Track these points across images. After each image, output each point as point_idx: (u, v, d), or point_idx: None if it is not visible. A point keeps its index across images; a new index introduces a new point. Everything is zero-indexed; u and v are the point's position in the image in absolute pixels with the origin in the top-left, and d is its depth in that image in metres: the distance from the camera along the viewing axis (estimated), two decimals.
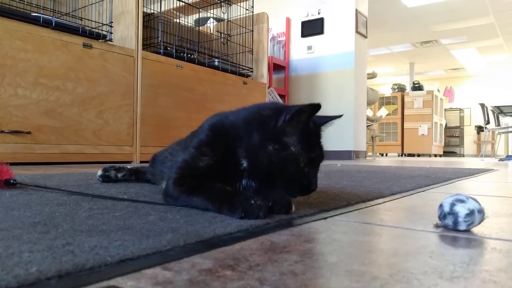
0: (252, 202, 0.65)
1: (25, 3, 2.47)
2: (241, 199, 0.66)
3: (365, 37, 4.85)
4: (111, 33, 2.67)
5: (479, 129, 10.74)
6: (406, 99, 8.83)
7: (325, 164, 3.17)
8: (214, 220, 0.63)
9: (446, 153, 10.24)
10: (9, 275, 0.35)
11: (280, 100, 4.78)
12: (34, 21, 2.27)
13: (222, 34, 3.91)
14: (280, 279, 0.37)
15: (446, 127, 10.45)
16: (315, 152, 0.77)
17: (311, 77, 4.88)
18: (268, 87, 4.27)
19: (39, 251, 0.43)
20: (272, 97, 4.71)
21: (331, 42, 4.74)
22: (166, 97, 2.98)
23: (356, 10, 4.60)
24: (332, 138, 4.69)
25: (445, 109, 10.23)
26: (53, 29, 2.33)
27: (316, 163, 0.78)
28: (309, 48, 4.90)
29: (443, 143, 9.45)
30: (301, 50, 4.97)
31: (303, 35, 4.95)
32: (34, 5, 2.51)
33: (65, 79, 2.38)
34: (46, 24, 2.31)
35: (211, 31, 4.18)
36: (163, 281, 0.36)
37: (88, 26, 2.61)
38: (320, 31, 4.81)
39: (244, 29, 3.87)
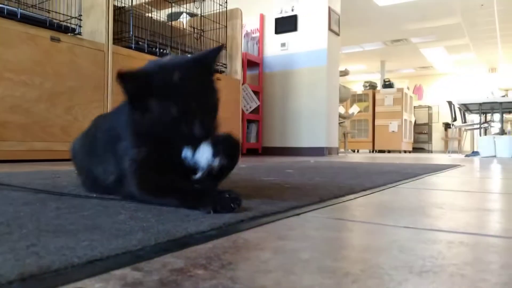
0: (227, 195, 0.68)
1: None
2: (213, 194, 0.69)
3: (338, 34, 4.90)
4: (80, 26, 2.59)
5: (447, 126, 11.09)
6: (377, 97, 9.00)
7: (298, 160, 3.19)
8: (186, 218, 0.62)
9: (415, 149, 10.52)
10: None
11: (254, 97, 4.78)
12: (2, 13, 2.17)
13: (195, 29, 3.87)
14: (252, 277, 0.37)
15: (415, 124, 10.73)
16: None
17: (285, 74, 4.90)
18: (242, 84, 4.26)
19: (1, 253, 0.41)
20: (246, 94, 4.71)
21: (305, 39, 4.77)
22: None
23: (329, 7, 4.65)
24: (305, 135, 4.73)
25: (414, 106, 10.50)
26: (18, 21, 2.24)
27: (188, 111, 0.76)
28: (283, 45, 4.92)
29: (412, 139, 9.71)
30: (275, 47, 4.98)
31: (277, 31, 4.96)
32: None
33: (31, 74, 2.29)
34: (11, 16, 2.21)
35: (184, 26, 4.12)
36: (133, 282, 0.35)
37: (56, 19, 2.52)
38: (294, 28, 4.83)
39: (217, 24, 3.84)
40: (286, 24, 4.88)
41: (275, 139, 4.94)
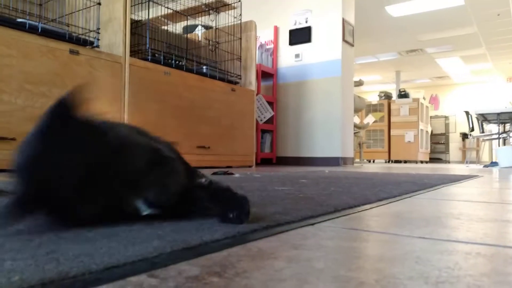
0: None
1: (10, 8, 2.44)
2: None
3: (352, 45, 4.91)
4: (98, 39, 2.65)
5: (464, 136, 10.92)
6: (392, 107, 8.94)
7: (313, 170, 3.18)
8: (201, 227, 0.62)
9: (432, 160, 10.37)
10: None
11: (269, 107, 4.80)
12: (20, 26, 2.24)
13: (210, 41, 3.92)
14: (266, 285, 0.37)
15: (432, 134, 10.59)
16: None
17: (299, 85, 4.91)
18: (256, 94, 4.28)
19: (23, 259, 0.42)
20: (261, 104, 4.73)
21: (319, 50, 4.79)
22: (154, 103, 2.97)
23: (343, 19, 4.66)
24: (319, 145, 4.72)
25: (430, 116, 10.38)
26: (39, 35, 2.31)
27: None
28: (297, 56, 4.94)
29: (429, 149, 9.58)
30: (289, 58, 5.01)
31: (291, 43, 4.99)
32: (20, 11, 2.49)
33: (51, 86, 2.36)
34: (32, 30, 2.28)
35: (199, 39, 4.18)
36: None
37: (75, 33, 2.59)
38: (308, 39, 4.86)
39: (232, 36, 3.89)
40: (300, 36, 4.91)
41: (289, 149, 4.93)
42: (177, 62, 3.26)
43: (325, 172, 2.91)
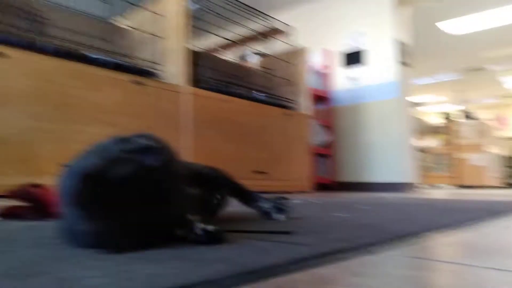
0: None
1: (84, 45, 2.68)
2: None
3: (409, 66, 4.78)
4: (160, 70, 2.82)
5: None
6: (455, 128, 8.49)
7: (372, 196, 3.09)
8: (262, 252, 0.64)
9: (509, 185, 9.60)
10: None
11: (324, 131, 4.77)
12: (94, 62, 2.46)
13: (265, 68, 4.02)
14: None
15: (507, 158, 9.85)
16: None
17: (355, 108, 4.85)
18: (311, 118, 4.28)
19: (101, 276, 0.46)
20: (315, 128, 4.72)
21: (374, 72, 4.72)
22: (213, 130, 3.08)
23: (399, 40, 4.58)
24: (378, 169, 4.58)
25: (500, 138, 9.70)
26: (109, 68, 2.51)
27: None
28: (352, 79, 4.90)
29: (501, 174, 8.90)
30: (343, 81, 4.98)
31: (345, 66, 4.97)
32: (93, 48, 2.73)
33: (119, 115, 2.53)
34: (104, 64, 2.49)
35: (255, 66, 4.30)
36: None
37: (140, 65, 2.78)
38: (362, 62, 4.81)
39: (285, 63, 3.96)
40: (354, 58, 4.88)
41: (346, 174, 4.84)
42: (234, 90, 3.37)
43: (385, 198, 2.82)
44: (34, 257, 0.56)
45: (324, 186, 4.83)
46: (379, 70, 4.68)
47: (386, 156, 4.55)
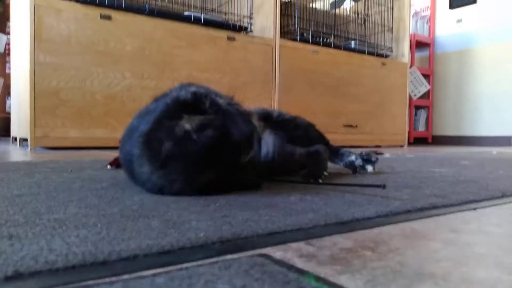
0: None
1: (178, 3, 2.78)
2: None
3: None
4: (251, 24, 2.83)
5: None
6: None
7: (477, 151, 2.85)
8: (352, 204, 0.64)
9: None
10: (184, 237, 0.43)
11: (424, 80, 4.42)
12: (187, 19, 2.55)
13: (359, 14, 3.79)
14: (420, 264, 0.37)
15: None
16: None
17: (461, 54, 4.38)
18: (410, 67, 3.99)
19: (204, 220, 0.51)
20: (415, 77, 4.39)
21: (486, 12, 4.16)
22: (302, 83, 3.05)
23: None
24: (485, 122, 4.16)
25: None
26: (202, 25, 2.59)
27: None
28: (459, 21, 4.39)
29: None
30: (448, 24, 4.49)
31: (452, 6, 4.45)
32: (186, 5, 2.82)
33: (213, 71, 2.63)
34: (196, 21, 2.57)
35: (348, 13, 4.07)
36: (307, 255, 0.40)
37: (231, 20, 2.82)
38: (472, 0, 4.26)
39: (383, 7, 3.68)
40: None
41: (447, 127, 4.49)
42: (325, 39, 3.26)
43: (492, 153, 2.58)
44: (143, 202, 0.64)
45: (421, 140, 4.56)
46: (492, 9, 4.12)
47: (495, 107, 4.10)
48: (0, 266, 0.33)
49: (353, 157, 1.15)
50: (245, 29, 2.81)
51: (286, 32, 3.26)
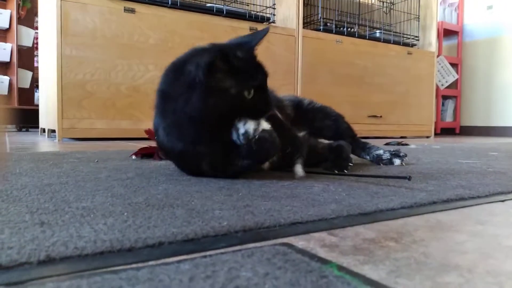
0: None
1: None
2: None
3: None
4: (274, 15, 2.81)
5: None
6: None
7: (506, 142, 2.76)
8: (376, 195, 0.64)
9: None
10: (208, 225, 0.44)
11: (452, 70, 4.30)
12: (209, 11, 2.56)
13: (384, 3, 3.70)
14: (446, 255, 0.37)
15: None
16: (255, 79, 0.77)
17: (491, 42, 4.22)
18: (437, 56, 3.88)
19: (227, 209, 0.52)
20: (442, 67, 4.27)
21: None
22: (325, 73, 3.01)
23: None
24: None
25: None
26: (224, 16, 2.59)
27: (262, 88, 0.78)
28: (489, 8, 4.23)
29: None
30: (478, 11, 4.34)
31: None
32: None
33: None
34: (218, 12, 2.57)
35: (372, 1, 3.99)
36: (330, 244, 0.40)
37: (253, 11, 2.80)
38: None
39: None
40: None
41: (476, 118, 4.36)
42: (349, 29, 3.21)
43: None
44: (167, 192, 0.65)
45: (449, 131, 4.44)
46: None
47: None
48: (33, 252, 0.34)
49: (380, 151, 1.13)
50: (268, 19, 2.80)
51: (309, 22, 3.22)
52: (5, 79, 3.88)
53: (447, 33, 4.37)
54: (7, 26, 3.91)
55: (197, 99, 0.71)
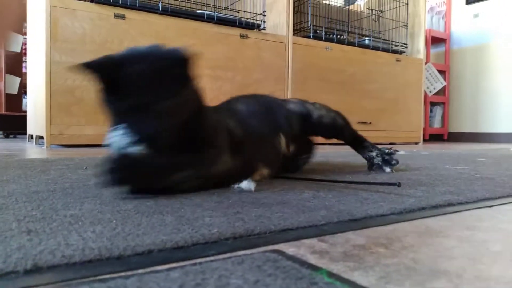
0: None
1: (191, 2, 2.79)
2: None
3: None
4: (264, 22, 2.83)
5: None
6: None
7: (494, 148, 2.80)
8: (365, 201, 0.64)
9: None
10: (198, 233, 0.44)
11: (439, 77, 4.36)
12: (199, 17, 2.56)
13: (373, 10, 3.75)
14: (435, 261, 0.37)
15: None
16: None
17: (478, 49, 4.30)
18: (426, 63, 3.94)
19: (217, 216, 0.52)
20: (430, 74, 4.33)
21: (504, 6, 4.08)
22: (315, 80, 3.03)
23: None
24: (503, 118, 4.09)
25: None
26: (214, 23, 2.59)
27: None
28: (476, 16, 4.31)
29: None
30: (465, 19, 4.42)
31: (468, 1, 4.37)
32: (198, 3, 2.83)
33: (225, 69, 2.64)
34: (209, 19, 2.58)
35: (361, 9, 4.04)
36: (320, 251, 0.40)
37: (243, 18, 2.81)
38: None
39: (397, 2, 3.63)
40: None
41: (464, 124, 4.42)
42: (338, 36, 3.24)
43: (509, 150, 2.53)
44: (157, 199, 0.65)
45: (437, 137, 4.50)
46: (511, 4, 4.03)
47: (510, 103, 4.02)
48: (19, 260, 0.34)
49: (374, 154, 1.15)
50: (258, 26, 2.81)
51: (299, 29, 3.25)
52: None
53: (435, 40, 4.44)
54: None
55: None
